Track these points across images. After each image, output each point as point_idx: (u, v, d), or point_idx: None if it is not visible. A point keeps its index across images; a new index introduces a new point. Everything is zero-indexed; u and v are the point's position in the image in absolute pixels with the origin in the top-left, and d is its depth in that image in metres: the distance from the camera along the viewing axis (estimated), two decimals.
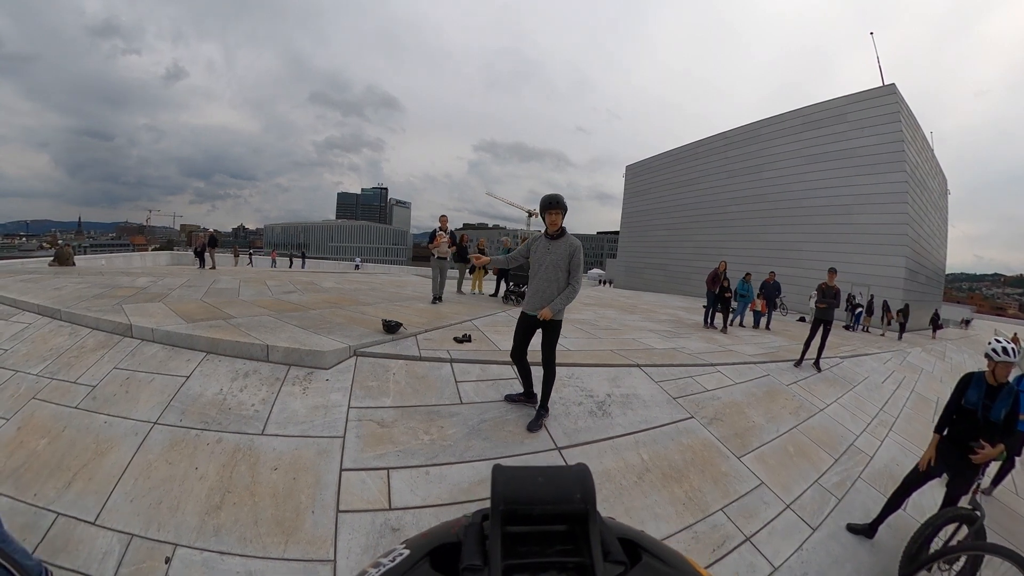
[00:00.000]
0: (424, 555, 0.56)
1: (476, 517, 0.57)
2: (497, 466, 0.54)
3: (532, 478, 0.53)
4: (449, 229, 8.83)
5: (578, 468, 0.55)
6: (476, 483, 2.93)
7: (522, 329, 3.68)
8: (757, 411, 4.86)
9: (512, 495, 0.51)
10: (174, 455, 3.00)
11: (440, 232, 8.71)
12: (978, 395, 3.06)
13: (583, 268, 3.63)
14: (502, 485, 0.52)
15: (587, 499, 0.51)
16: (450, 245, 8.70)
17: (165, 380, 3.79)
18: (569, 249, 3.42)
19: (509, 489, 0.51)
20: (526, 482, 0.52)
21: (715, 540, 2.87)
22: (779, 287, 12.76)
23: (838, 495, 3.76)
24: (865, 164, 23.94)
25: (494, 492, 0.51)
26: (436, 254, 8.58)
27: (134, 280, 8.37)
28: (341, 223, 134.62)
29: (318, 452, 3.03)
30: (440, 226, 8.82)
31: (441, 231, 8.72)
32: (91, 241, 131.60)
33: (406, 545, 0.59)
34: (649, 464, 3.44)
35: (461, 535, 0.56)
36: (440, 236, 8.63)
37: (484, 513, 0.56)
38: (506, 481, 0.52)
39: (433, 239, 8.69)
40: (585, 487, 0.52)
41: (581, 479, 0.53)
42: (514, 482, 0.52)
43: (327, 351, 4.10)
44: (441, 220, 8.90)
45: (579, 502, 0.51)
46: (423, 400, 3.78)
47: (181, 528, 2.50)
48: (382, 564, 0.57)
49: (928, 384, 9.12)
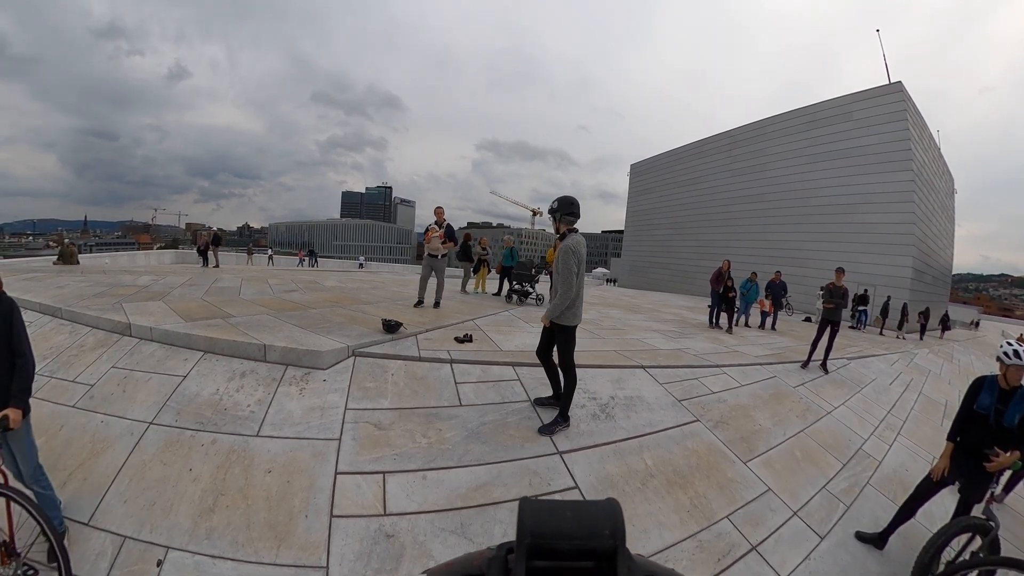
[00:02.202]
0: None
1: (501, 550, 0.55)
2: (525, 499, 0.53)
3: (560, 512, 0.51)
4: (446, 222, 7.46)
5: (608, 503, 0.54)
6: (474, 489, 2.86)
7: (545, 330, 3.72)
8: (763, 414, 4.77)
9: (539, 529, 0.49)
10: (168, 456, 2.97)
11: (433, 226, 7.38)
12: (990, 400, 2.96)
13: (585, 267, 3.58)
14: (529, 518, 0.50)
15: (616, 536, 0.50)
16: (445, 241, 7.33)
17: (162, 379, 3.75)
18: (560, 251, 3.41)
19: (536, 522, 0.50)
20: (554, 516, 0.51)
21: (720, 549, 2.79)
22: (785, 287, 12.62)
23: (846, 502, 3.67)
24: (871, 163, 23.67)
25: (520, 525, 0.49)
26: (428, 251, 7.36)
27: (136, 279, 8.37)
28: (345, 222, 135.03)
29: (313, 455, 2.97)
30: (435, 219, 7.52)
31: (435, 225, 7.41)
32: (96, 240, 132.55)
33: (427, 574, 0.58)
34: (653, 469, 3.36)
35: (484, 567, 0.54)
36: (432, 230, 7.31)
37: (509, 546, 0.54)
38: (533, 514, 0.50)
39: (426, 235, 7.46)
40: (615, 523, 0.51)
41: (611, 515, 0.52)
42: (541, 515, 0.51)
43: (325, 351, 4.04)
44: (436, 213, 7.56)
45: (608, 538, 0.49)
46: (422, 402, 3.71)
47: (174, 531, 2.47)
48: None
49: (936, 386, 8.98)
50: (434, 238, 7.25)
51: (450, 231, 7.42)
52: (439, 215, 7.47)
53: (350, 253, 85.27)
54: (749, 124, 31.91)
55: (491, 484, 2.91)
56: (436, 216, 7.52)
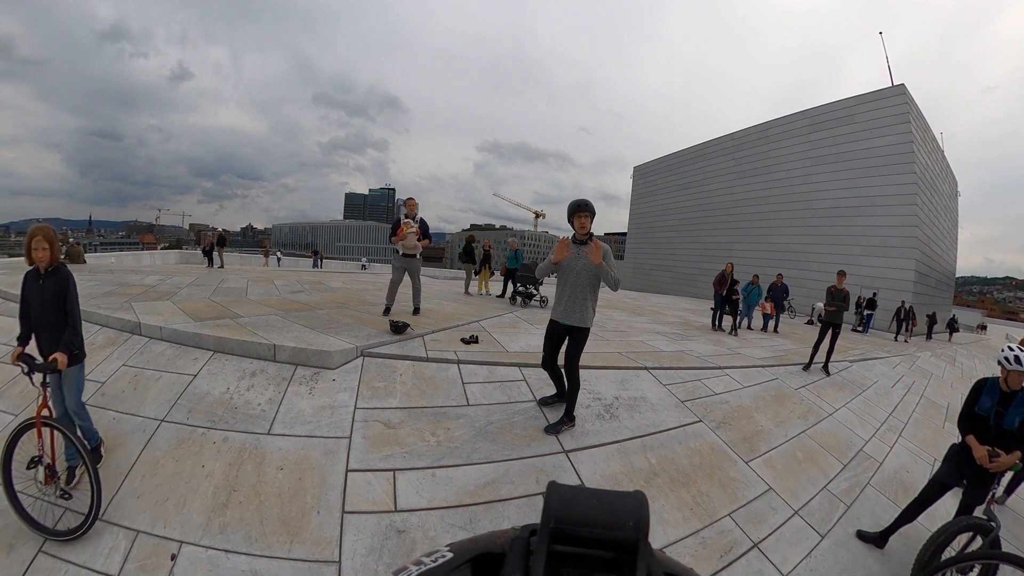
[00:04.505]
0: (466, 561, 0.56)
1: (524, 531, 0.56)
2: (553, 483, 0.54)
3: (587, 499, 0.52)
4: (419, 216, 6.38)
5: (635, 495, 0.54)
6: (482, 486, 2.91)
7: (551, 337, 3.67)
8: (765, 415, 4.81)
9: (564, 514, 0.50)
10: (181, 453, 3.02)
11: (406, 221, 6.23)
12: (991, 402, 3.00)
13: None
14: (556, 502, 0.51)
15: (640, 528, 0.50)
16: (420, 238, 6.27)
17: (173, 378, 3.81)
18: (603, 249, 3.40)
19: (562, 507, 0.50)
20: (580, 503, 0.51)
21: (722, 546, 2.84)
22: (787, 289, 12.65)
23: (847, 502, 3.71)
24: (874, 166, 23.68)
25: (546, 508, 0.50)
26: (401, 250, 6.28)
27: (143, 278, 8.44)
28: (348, 223, 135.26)
29: (324, 452, 3.03)
30: (407, 212, 6.43)
31: (407, 219, 6.27)
32: (101, 240, 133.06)
33: (450, 548, 0.59)
34: (656, 468, 3.41)
35: (507, 547, 0.55)
36: (407, 225, 6.16)
37: (533, 528, 0.55)
38: (560, 499, 0.51)
39: (396, 230, 6.21)
40: (639, 516, 0.51)
41: (637, 507, 0.52)
42: (568, 501, 0.51)
43: (334, 351, 4.10)
44: (408, 205, 6.47)
45: (631, 530, 0.50)
46: (430, 401, 3.77)
47: (187, 526, 2.52)
48: (423, 563, 0.56)
49: (938, 389, 9.00)
50: (409, 234, 6.14)
51: (424, 227, 6.34)
52: (411, 208, 6.41)
53: (353, 254, 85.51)
54: (752, 127, 31.94)
55: (499, 481, 2.97)
56: (408, 209, 6.45)
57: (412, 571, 0.55)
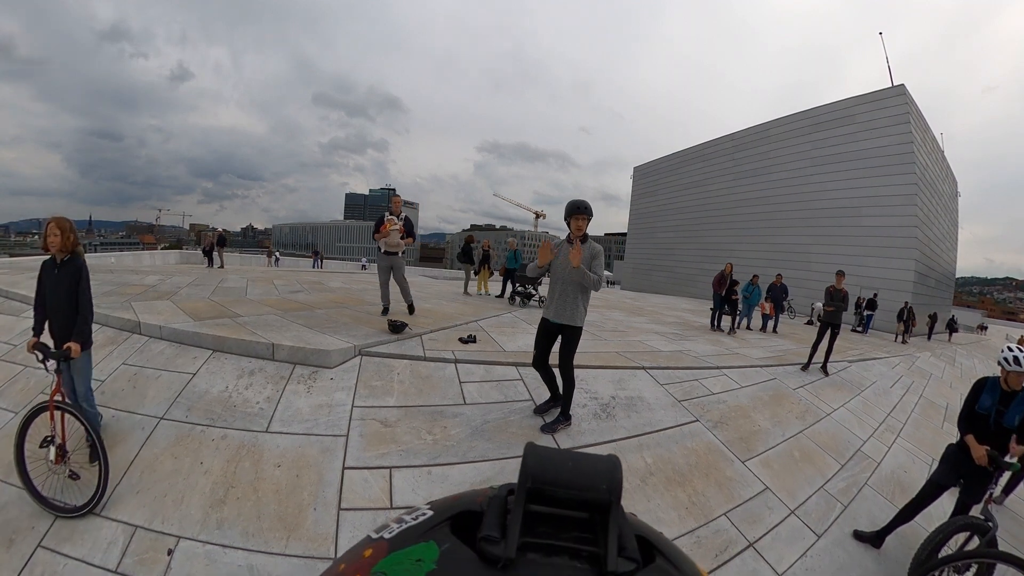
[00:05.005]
0: (446, 519, 0.57)
1: (502, 491, 0.58)
2: (531, 444, 0.55)
3: (563, 461, 0.53)
4: (403, 214, 6.28)
5: (609, 459, 0.55)
6: (478, 484, 2.92)
7: (543, 336, 3.68)
8: (763, 415, 4.82)
9: (540, 474, 0.51)
10: (179, 450, 3.04)
11: (391, 217, 6.17)
12: (991, 401, 3.01)
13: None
14: (532, 463, 0.52)
15: (612, 491, 0.52)
16: (404, 236, 6.18)
17: (172, 377, 3.83)
18: (591, 251, 3.43)
19: (539, 468, 0.51)
20: (556, 464, 0.52)
21: (718, 545, 2.85)
22: (786, 290, 12.65)
23: (844, 501, 3.72)
24: (874, 166, 23.67)
25: (523, 468, 0.51)
26: (384, 247, 6.20)
27: (143, 278, 8.46)
28: (349, 223, 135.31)
29: (321, 450, 3.05)
30: (392, 209, 6.33)
31: (391, 216, 6.19)
32: (101, 240, 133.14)
33: (431, 506, 0.60)
34: (653, 467, 3.43)
35: (485, 505, 0.56)
36: (390, 222, 6.10)
37: (510, 488, 0.56)
38: (537, 460, 0.52)
39: (380, 227, 6.15)
40: (613, 479, 0.52)
41: (610, 470, 0.53)
42: (544, 462, 0.52)
43: (332, 350, 4.12)
44: (393, 202, 6.40)
45: (604, 492, 0.51)
46: (427, 400, 3.78)
47: (185, 521, 2.54)
48: (404, 520, 0.58)
49: (937, 389, 9.00)
50: (393, 231, 6.07)
51: (409, 225, 6.27)
52: (396, 205, 6.36)
53: (353, 255, 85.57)
54: (752, 127, 31.95)
55: (495, 480, 2.98)
56: (393, 206, 6.37)
57: (393, 528, 0.56)
